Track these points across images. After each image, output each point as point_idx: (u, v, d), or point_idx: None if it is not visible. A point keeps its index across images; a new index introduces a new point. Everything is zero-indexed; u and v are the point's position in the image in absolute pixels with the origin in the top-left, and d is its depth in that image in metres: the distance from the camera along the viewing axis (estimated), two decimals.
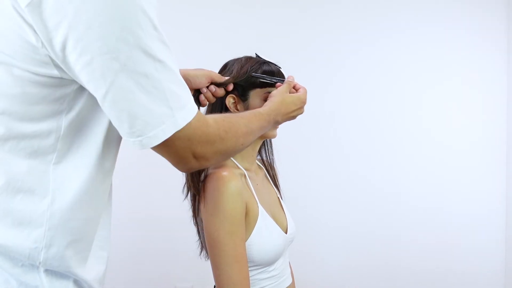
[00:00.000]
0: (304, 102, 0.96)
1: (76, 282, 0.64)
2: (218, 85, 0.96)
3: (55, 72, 0.55)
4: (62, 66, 0.55)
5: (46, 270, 0.61)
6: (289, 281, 1.06)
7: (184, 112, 0.59)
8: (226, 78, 0.97)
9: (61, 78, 0.56)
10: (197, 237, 1.08)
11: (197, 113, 0.62)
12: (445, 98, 2.18)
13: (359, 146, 2.14)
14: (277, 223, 1.00)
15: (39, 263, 0.60)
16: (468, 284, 2.18)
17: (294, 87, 0.96)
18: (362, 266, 2.14)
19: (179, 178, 1.16)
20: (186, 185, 1.01)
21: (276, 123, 0.90)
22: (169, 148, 0.60)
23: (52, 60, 0.54)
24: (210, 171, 0.95)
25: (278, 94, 0.91)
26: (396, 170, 2.16)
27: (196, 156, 0.63)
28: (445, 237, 2.17)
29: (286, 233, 1.02)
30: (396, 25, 2.16)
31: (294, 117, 0.95)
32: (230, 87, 0.97)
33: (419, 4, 2.17)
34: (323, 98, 2.13)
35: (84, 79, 0.55)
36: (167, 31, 0.97)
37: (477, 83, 2.19)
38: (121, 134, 0.59)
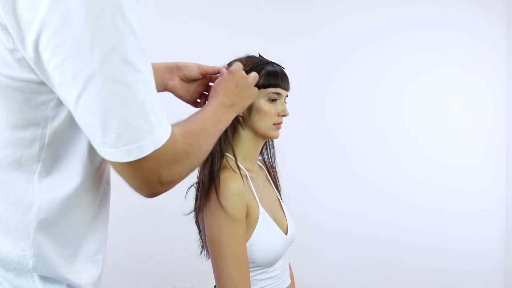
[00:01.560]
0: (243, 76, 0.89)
1: (69, 286, 0.63)
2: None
3: (33, 76, 0.52)
4: (35, 68, 0.51)
5: (38, 277, 0.60)
6: (288, 282, 1.06)
7: (161, 128, 0.55)
8: (218, 67, 0.97)
9: (40, 82, 0.53)
10: (197, 237, 1.08)
11: (169, 135, 0.57)
12: (445, 98, 2.18)
13: (360, 147, 2.15)
14: (277, 224, 1.00)
15: (29, 270, 0.59)
16: (468, 284, 2.18)
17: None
18: (362, 267, 2.14)
19: None
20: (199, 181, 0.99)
21: (233, 107, 0.84)
22: (135, 170, 0.55)
23: (28, 63, 0.51)
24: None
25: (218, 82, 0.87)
26: (396, 170, 2.16)
27: (161, 181, 0.58)
28: (445, 238, 2.18)
29: (286, 234, 1.02)
30: (396, 26, 2.16)
31: (249, 86, 0.89)
32: None
33: (419, 5, 2.17)
34: (324, 99, 2.13)
35: (56, 82, 0.51)
36: (169, 35, 0.96)
37: (477, 83, 2.19)
38: (92, 143, 0.55)
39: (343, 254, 2.14)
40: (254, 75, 0.92)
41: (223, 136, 1.00)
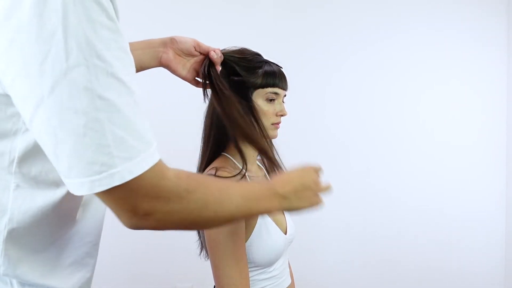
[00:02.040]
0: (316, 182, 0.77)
1: None
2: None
3: None
4: None
5: (16, 283, 0.59)
6: (288, 282, 1.06)
7: (131, 164, 0.48)
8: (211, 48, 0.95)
9: (5, 94, 0.50)
10: (197, 237, 1.08)
11: (155, 164, 0.51)
12: (445, 98, 2.18)
13: (359, 147, 2.15)
14: (276, 224, 1.00)
15: (3, 276, 0.58)
16: (468, 284, 2.18)
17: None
18: (362, 267, 2.14)
19: None
20: None
21: (284, 201, 0.71)
22: (104, 197, 0.50)
23: None
24: (209, 172, 0.95)
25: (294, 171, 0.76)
26: (396, 170, 2.16)
27: (138, 212, 0.51)
28: (445, 238, 2.18)
29: (285, 234, 1.02)
30: (396, 26, 2.16)
31: (310, 194, 0.75)
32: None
33: (419, 5, 2.17)
34: (323, 99, 2.13)
35: (14, 100, 0.49)
36: (170, 34, 0.96)
37: (477, 83, 2.19)
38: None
39: (342, 254, 2.14)
40: (328, 185, 0.80)
41: (221, 136, 1.00)
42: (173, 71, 0.95)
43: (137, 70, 0.91)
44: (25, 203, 0.56)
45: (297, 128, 2.06)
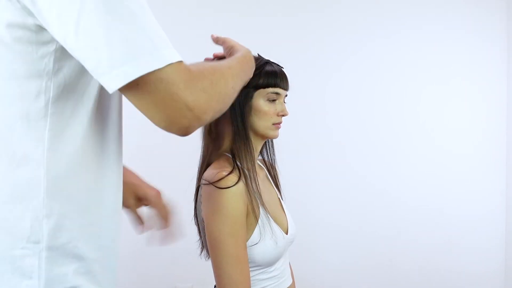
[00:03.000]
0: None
1: (76, 270, 0.61)
2: None
3: (29, 20, 0.54)
4: (31, 8, 0.52)
5: (48, 251, 0.59)
6: (289, 282, 1.06)
7: (167, 51, 0.55)
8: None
9: (37, 29, 0.54)
10: (197, 237, 1.08)
11: (180, 60, 0.57)
12: (445, 98, 2.18)
13: (360, 147, 2.15)
14: (277, 223, 1.00)
15: (42, 236, 0.58)
16: (468, 284, 2.18)
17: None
18: (363, 267, 2.14)
19: (180, 177, 1.16)
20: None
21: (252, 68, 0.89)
22: (153, 96, 0.54)
23: (24, 4, 0.53)
24: (210, 172, 0.95)
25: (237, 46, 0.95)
26: (396, 171, 2.16)
27: (189, 107, 0.56)
28: (445, 238, 2.18)
29: (286, 233, 1.02)
30: (396, 26, 2.16)
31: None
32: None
33: (419, 4, 2.17)
34: (323, 99, 2.13)
35: (54, 16, 0.52)
36: (171, 35, 0.97)
37: (477, 83, 2.19)
38: (98, 75, 0.54)
39: (343, 254, 2.14)
40: None
41: (221, 136, 1.00)
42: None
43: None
44: (58, 151, 0.59)
45: (297, 128, 2.06)
